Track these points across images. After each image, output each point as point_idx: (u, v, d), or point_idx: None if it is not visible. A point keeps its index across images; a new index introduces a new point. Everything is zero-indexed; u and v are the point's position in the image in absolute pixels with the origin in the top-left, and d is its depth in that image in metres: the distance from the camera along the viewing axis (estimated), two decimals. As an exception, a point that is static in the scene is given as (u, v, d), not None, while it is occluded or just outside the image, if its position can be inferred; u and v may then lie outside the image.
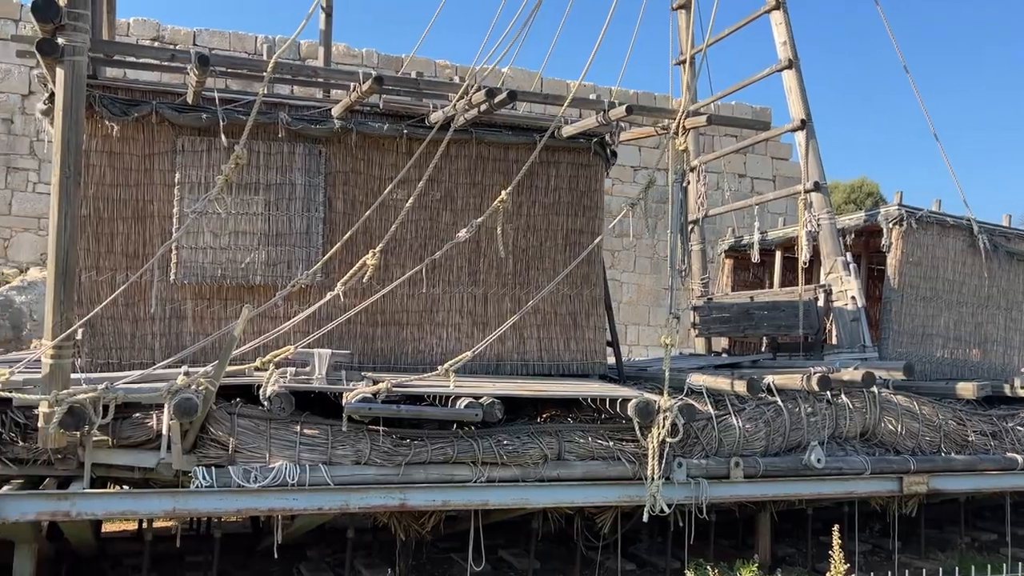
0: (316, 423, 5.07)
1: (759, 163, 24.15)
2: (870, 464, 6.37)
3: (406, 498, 5.03)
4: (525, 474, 5.38)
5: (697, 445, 5.99)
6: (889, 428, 6.69)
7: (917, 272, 8.27)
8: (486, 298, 6.29)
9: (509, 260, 6.36)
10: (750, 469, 5.98)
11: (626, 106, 5.39)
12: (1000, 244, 8.65)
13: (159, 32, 17.98)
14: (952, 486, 6.68)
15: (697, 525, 6.85)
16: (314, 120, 5.68)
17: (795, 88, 8.35)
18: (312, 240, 5.66)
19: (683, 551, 7.42)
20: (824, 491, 6.25)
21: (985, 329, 8.62)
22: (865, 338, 7.87)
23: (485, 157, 6.26)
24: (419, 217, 6.12)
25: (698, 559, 6.35)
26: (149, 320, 5.49)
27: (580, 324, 6.56)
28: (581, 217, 6.54)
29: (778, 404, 6.33)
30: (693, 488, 5.74)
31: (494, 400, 5.12)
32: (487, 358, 6.29)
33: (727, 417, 6.15)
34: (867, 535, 8.09)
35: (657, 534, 7.64)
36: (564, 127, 6.23)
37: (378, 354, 6.02)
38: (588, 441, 5.65)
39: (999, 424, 7.19)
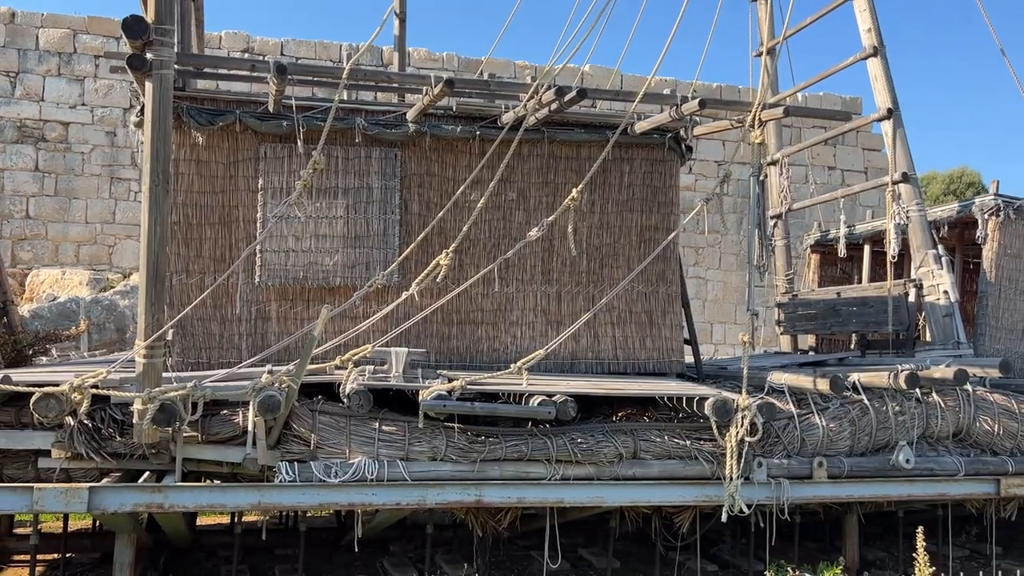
0: (394, 420, 5.19)
1: (849, 154, 23.34)
2: (964, 465, 6.08)
3: (482, 494, 5.09)
4: (600, 472, 5.37)
5: (778, 445, 5.84)
6: (985, 428, 6.37)
7: (1015, 265, 7.84)
8: (559, 296, 6.30)
9: (583, 258, 6.36)
10: (834, 469, 5.80)
11: (698, 100, 5.31)
12: (1108, 233, 8.10)
13: (249, 44, 18.72)
14: (1056, 490, 6.30)
15: (781, 527, 6.69)
16: (389, 124, 5.81)
17: (881, 76, 8.04)
18: (389, 242, 5.79)
19: (766, 553, 7.28)
20: (914, 493, 6.00)
21: (1093, 324, 8.09)
22: (959, 334, 7.52)
23: (557, 156, 6.28)
24: (492, 217, 6.18)
25: (781, 561, 6.20)
26: (236, 321, 5.73)
27: (656, 322, 6.50)
28: (656, 214, 6.47)
29: (864, 403, 6.11)
30: (774, 488, 5.60)
31: (567, 398, 5.13)
32: (561, 356, 6.30)
33: (810, 416, 5.98)
34: (963, 540, 7.73)
35: (740, 535, 7.49)
36: (637, 123, 6.18)
37: (453, 353, 6.11)
38: (664, 440, 5.59)
39: (1111, 424, 6.73)
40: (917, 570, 4.19)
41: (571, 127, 6.23)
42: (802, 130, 22.80)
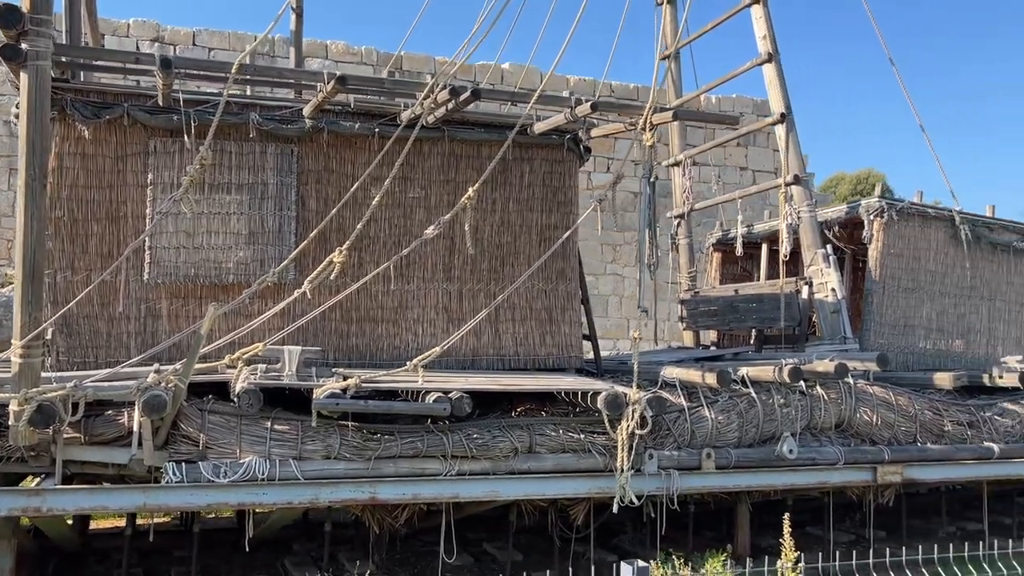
0: (287, 419, 5.16)
1: (760, 155, 24.09)
2: (844, 454, 6.41)
3: (376, 492, 5.11)
4: (496, 467, 5.46)
5: (669, 437, 6.05)
6: (865, 419, 6.73)
7: (899, 263, 8.29)
8: (461, 294, 6.36)
9: (484, 256, 6.43)
10: (722, 460, 6.04)
11: (590, 103, 5.44)
12: (983, 235, 8.65)
13: (159, 33, 18.10)
14: (927, 476, 6.71)
15: (680, 517, 6.93)
16: (285, 120, 5.76)
17: (775, 81, 8.37)
18: (284, 239, 5.74)
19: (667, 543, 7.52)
20: (797, 481, 6.30)
21: (968, 320, 8.63)
22: (846, 330, 7.91)
23: (459, 154, 6.33)
24: (393, 215, 6.19)
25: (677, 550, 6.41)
26: (124, 319, 5.59)
27: (556, 319, 6.63)
28: (555, 213, 6.60)
29: (752, 396, 6.38)
30: (664, 479, 5.80)
31: (463, 394, 5.20)
32: (463, 353, 6.36)
33: (700, 409, 6.21)
34: (848, 525, 8.14)
35: (641, 526, 7.72)
36: (536, 124, 6.28)
37: (353, 351, 6.10)
38: (560, 434, 5.72)
39: (976, 414, 7.21)
40: (783, 555, 4.40)
41: (472, 126, 6.29)
42: (715, 131, 23.47)
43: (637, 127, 5.67)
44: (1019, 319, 8.88)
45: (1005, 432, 7.20)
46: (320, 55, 21.20)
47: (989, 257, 8.73)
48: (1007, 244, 8.76)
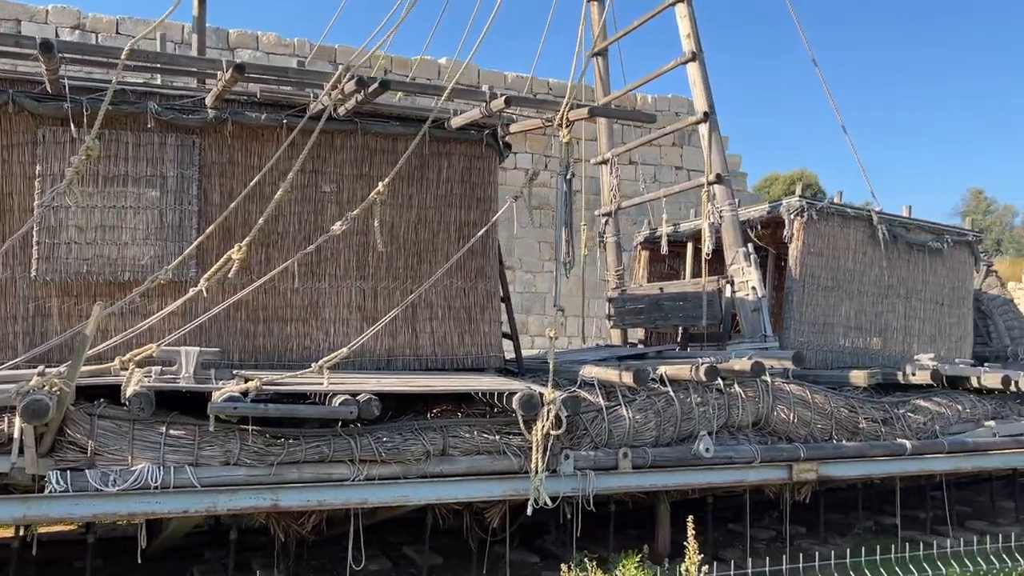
0: (183, 424, 4.91)
1: (695, 155, 24.32)
2: (760, 453, 6.44)
3: (278, 499, 4.92)
4: (407, 471, 5.31)
5: (586, 437, 5.98)
6: (782, 417, 6.77)
7: (818, 262, 8.40)
8: (376, 292, 6.18)
9: (400, 253, 6.27)
10: (638, 460, 5.99)
11: (504, 98, 5.33)
12: (900, 234, 8.82)
13: (80, 20, 17.39)
14: (841, 472, 6.79)
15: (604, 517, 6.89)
16: (186, 110, 5.50)
17: (699, 81, 8.39)
18: (185, 235, 5.48)
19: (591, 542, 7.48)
20: (714, 480, 6.30)
21: (885, 318, 8.80)
22: (766, 328, 7.96)
23: (373, 148, 6.15)
24: (304, 210, 5.98)
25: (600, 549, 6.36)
26: (10, 319, 5.26)
27: (475, 318, 6.50)
28: (475, 210, 6.47)
29: (670, 394, 6.36)
30: (580, 480, 5.73)
31: (371, 396, 5.03)
32: (378, 354, 6.20)
33: (618, 408, 6.16)
34: (769, 522, 8.22)
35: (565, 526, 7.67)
36: (453, 119, 6.14)
37: (260, 351, 5.87)
38: (474, 436, 5.59)
39: (891, 411, 7.33)
40: (688, 558, 4.35)
41: (387, 119, 6.12)
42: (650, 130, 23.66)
43: (554, 123, 5.58)
44: (934, 317, 9.09)
45: (918, 429, 7.34)
46: (251, 46, 20.70)
47: (906, 256, 8.91)
48: (923, 244, 8.96)
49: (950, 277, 9.20)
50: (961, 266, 9.30)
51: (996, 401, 8.11)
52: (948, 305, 9.16)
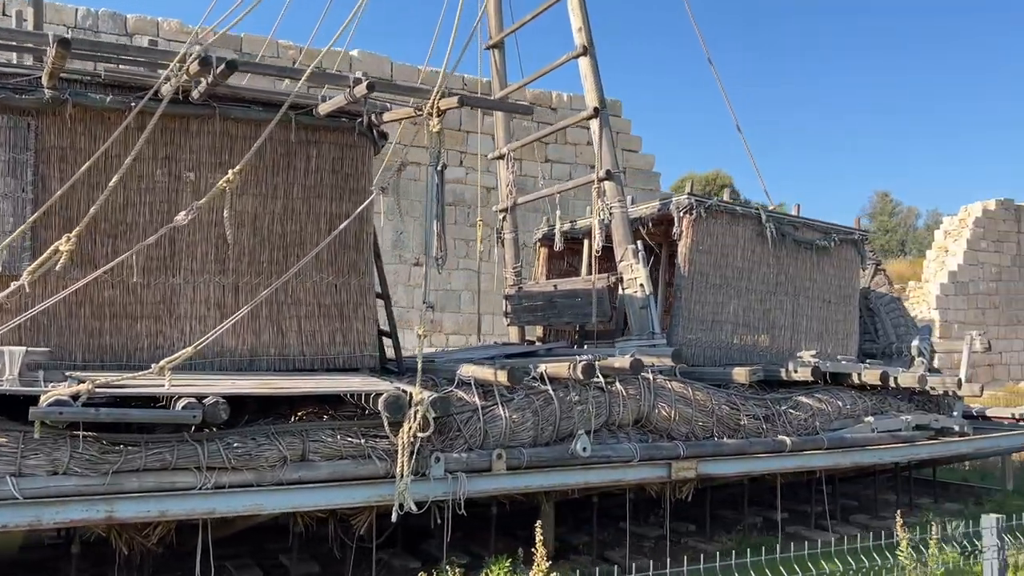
0: (6, 430, 4.49)
1: (609, 154, 24.49)
2: (639, 451, 6.35)
3: (114, 510, 4.53)
4: (261, 478, 4.99)
5: (460, 438, 5.77)
6: (663, 415, 6.71)
7: (707, 260, 8.41)
8: (237, 288, 5.82)
9: (265, 247, 5.93)
10: (514, 460, 5.82)
11: (367, 83, 5.06)
12: (788, 233, 8.92)
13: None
14: (721, 470, 6.78)
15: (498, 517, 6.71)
16: (19, 89, 5.04)
17: (590, 75, 8.29)
18: (18, 224, 5.01)
19: (476, 545, 7.30)
20: (592, 480, 6.18)
21: (773, 315, 8.88)
22: (654, 325, 7.91)
23: (234, 135, 5.79)
24: (155, 199, 5.58)
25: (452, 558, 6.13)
26: None
27: (348, 315, 6.21)
28: (347, 201, 6.17)
29: (549, 393, 6.21)
30: (451, 483, 5.51)
31: (219, 399, 4.69)
32: (240, 354, 5.84)
33: (494, 408, 5.97)
34: (655, 520, 8.19)
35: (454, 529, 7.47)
36: (321, 105, 5.84)
37: (107, 351, 5.45)
38: (338, 440, 5.31)
39: (773, 407, 7.38)
40: (536, 564, 4.19)
41: (248, 104, 5.77)
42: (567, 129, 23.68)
43: (424, 112, 5.34)
44: (821, 314, 9.24)
45: (799, 425, 7.41)
46: (151, 32, 19.86)
47: (794, 254, 9.02)
48: (810, 242, 9.08)
49: (837, 275, 9.37)
50: (848, 264, 9.48)
51: (877, 397, 8.28)
52: (835, 302, 9.32)
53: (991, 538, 3.63)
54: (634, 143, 25.29)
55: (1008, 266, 29.03)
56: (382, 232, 21.37)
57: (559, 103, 23.66)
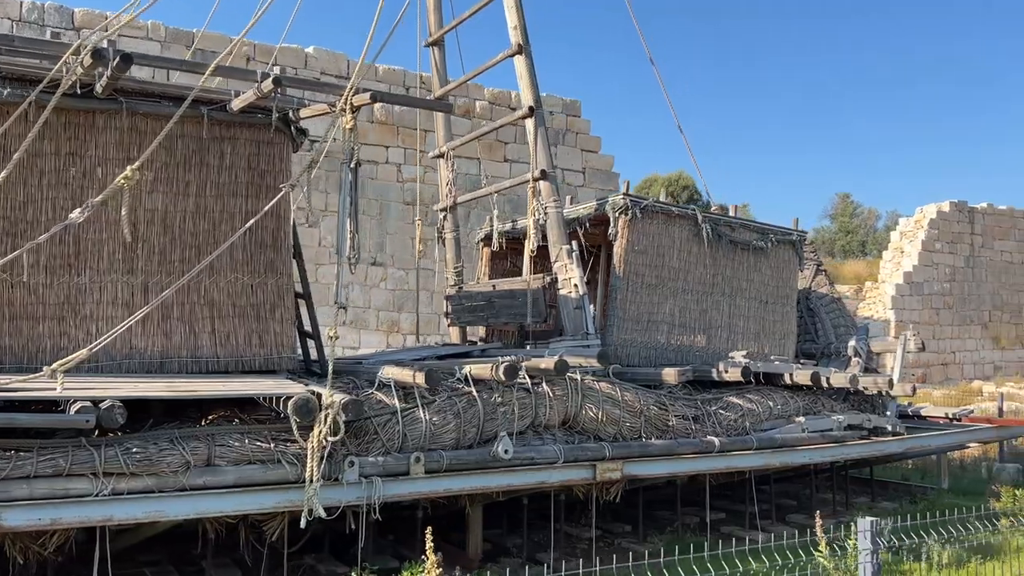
0: None
1: (568, 154, 24.53)
2: (564, 453, 6.29)
3: (1, 518, 4.36)
4: (162, 484, 4.84)
5: (377, 442, 5.66)
6: (590, 415, 6.67)
7: (643, 260, 8.38)
8: (147, 288, 5.66)
9: (176, 245, 5.77)
10: (433, 464, 5.72)
11: (273, 78, 4.94)
12: (724, 233, 8.93)
13: None
14: (648, 471, 6.74)
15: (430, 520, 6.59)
16: (-91, 83, 4.84)
17: (525, 74, 8.22)
18: (-97, 221, 4.82)
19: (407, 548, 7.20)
20: (514, 482, 6.11)
21: (710, 315, 8.89)
22: (588, 325, 7.87)
23: (143, 130, 5.62)
24: (59, 195, 5.40)
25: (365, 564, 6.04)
26: None
27: (264, 316, 6.07)
28: (264, 199, 6.02)
29: (472, 395, 6.13)
30: (365, 488, 5.40)
31: (115, 403, 4.54)
32: (149, 355, 5.68)
33: (414, 410, 5.87)
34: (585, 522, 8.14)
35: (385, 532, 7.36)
36: (234, 100, 5.70)
37: (5, 352, 5.26)
38: (245, 444, 5.17)
39: (703, 408, 7.37)
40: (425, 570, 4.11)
41: (158, 99, 5.61)
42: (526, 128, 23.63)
43: (337, 108, 5.23)
44: (758, 314, 9.26)
45: (728, 425, 7.40)
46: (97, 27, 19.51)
47: (731, 255, 9.03)
48: (747, 243, 9.10)
49: (774, 275, 9.40)
50: (785, 265, 9.52)
51: (810, 397, 8.32)
52: (772, 303, 9.36)
53: (865, 542, 3.62)
54: (593, 143, 25.36)
55: (961, 267, 29.57)
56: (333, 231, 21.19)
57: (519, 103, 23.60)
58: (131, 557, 6.68)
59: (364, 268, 21.55)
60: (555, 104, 24.57)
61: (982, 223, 30.30)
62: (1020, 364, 30.73)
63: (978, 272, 30.12)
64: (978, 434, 9.39)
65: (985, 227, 30.35)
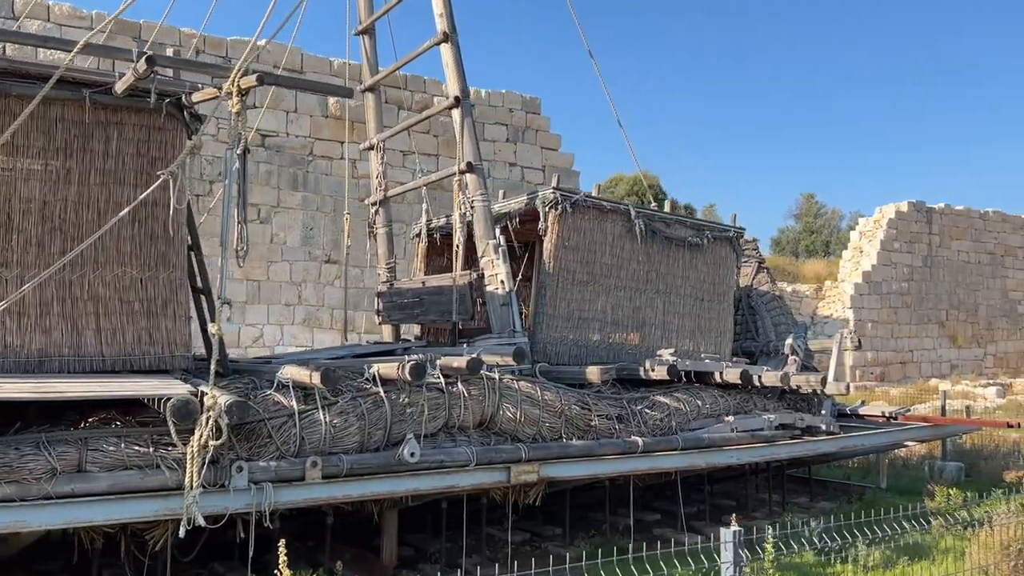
0: None
1: (529, 152, 24.31)
2: (477, 455, 6.03)
3: None
4: (24, 492, 4.50)
5: (271, 445, 5.36)
6: (508, 416, 6.41)
7: (574, 256, 8.15)
8: (22, 282, 5.28)
9: (56, 237, 5.41)
10: (332, 468, 5.43)
11: (146, 57, 4.61)
12: (659, 229, 8.73)
13: None
14: (567, 473, 6.50)
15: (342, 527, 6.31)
16: None
17: (452, 63, 7.94)
18: None
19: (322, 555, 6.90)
20: (422, 487, 5.83)
21: (643, 313, 8.68)
22: (515, 323, 7.62)
23: (17, 113, 5.25)
24: (-85, 184, 5.03)
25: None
26: None
27: (155, 312, 5.72)
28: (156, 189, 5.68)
29: (380, 395, 5.84)
30: (255, 494, 5.09)
31: (-34, 405, 4.21)
32: (26, 354, 5.32)
33: (314, 412, 5.58)
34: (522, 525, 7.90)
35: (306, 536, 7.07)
36: (118, 83, 5.35)
37: None
38: (122, 448, 4.85)
39: (628, 407, 7.15)
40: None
41: (34, 80, 5.24)
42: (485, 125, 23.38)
43: (222, 92, 4.92)
44: (694, 312, 9.07)
45: (654, 425, 7.19)
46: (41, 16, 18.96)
47: (665, 251, 8.82)
48: (682, 239, 8.91)
49: (711, 272, 9.21)
50: (722, 262, 9.34)
51: (741, 396, 8.14)
52: (708, 300, 9.17)
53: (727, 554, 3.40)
54: (553, 141, 25.17)
55: (920, 266, 29.81)
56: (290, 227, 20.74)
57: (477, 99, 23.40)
58: (28, 566, 6.34)
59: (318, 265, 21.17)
60: (514, 101, 24.34)
61: (940, 223, 30.58)
62: (976, 363, 31.09)
63: (936, 272, 30.40)
64: (914, 433, 9.28)
65: (943, 227, 30.65)
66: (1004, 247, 32.15)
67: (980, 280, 31.47)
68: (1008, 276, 32.37)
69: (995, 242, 31.87)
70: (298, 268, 21.02)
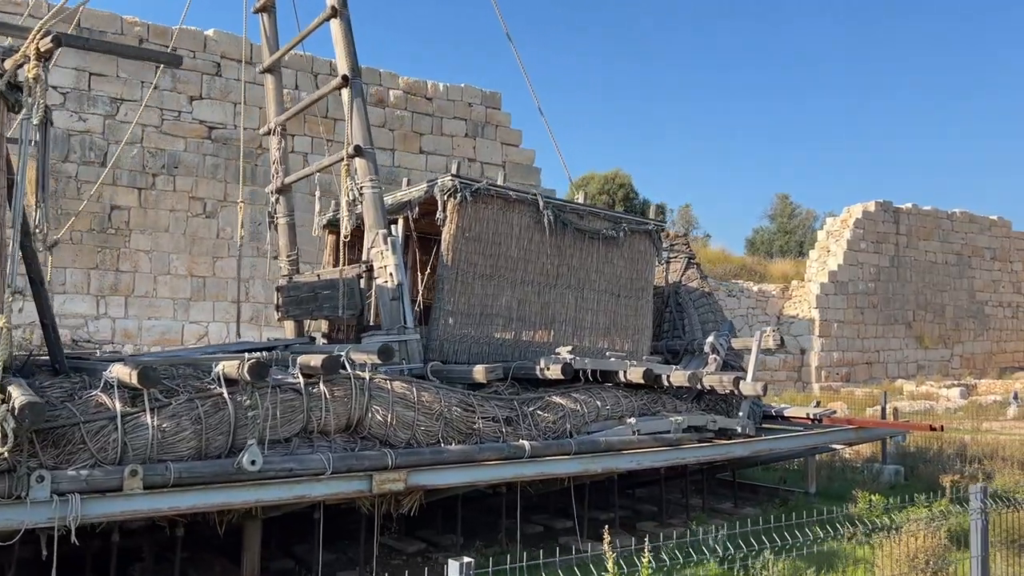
0: None
1: (488, 147, 23.79)
2: (333, 462, 5.49)
3: None
4: None
5: (84, 452, 4.80)
6: (378, 419, 5.89)
7: (476, 248, 7.64)
8: None
9: None
10: (156, 478, 4.87)
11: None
12: (570, 221, 8.23)
13: None
14: (440, 480, 5.96)
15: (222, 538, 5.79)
16: None
17: (341, 40, 7.42)
18: None
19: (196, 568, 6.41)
20: (266, 497, 5.28)
21: (553, 309, 8.18)
22: (406, 318, 7.10)
23: None
24: None
25: None
26: None
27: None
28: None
29: (222, 397, 5.30)
30: (59, 507, 4.54)
31: None
32: None
33: (141, 415, 5.03)
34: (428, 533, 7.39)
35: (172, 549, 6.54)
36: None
37: None
38: (-103, 456, 4.29)
39: (519, 409, 6.64)
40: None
41: None
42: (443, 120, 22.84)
43: (16, 57, 4.37)
44: (609, 308, 8.59)
45: (547, 427, 6.69)
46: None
47: (578, 245, 8.33)
48: (596, 232, 8.42)
49: (628, 268, 8.73)
50: (641, 256, 8.86)
51: (650, 397, 7.65)
52: (625, 296, 8.69)
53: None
54: (514, 137, 24.68)
55: (886, 267, 29.53)
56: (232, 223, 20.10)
57: (435, 93, 22.90)
58: None
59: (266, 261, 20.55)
60: (474, 95, 23.84)
61: (907, 223, 30.34)
62: (942, 363, 30.87)
63: (903, 272, 30.15)
64: (836, 436, 8.83)
65: (910, 227, 30.40)
66: (971, 248, 31.97)
67: (947, 281, 31.26)
68: (975, 277, 32.19)
69: (962, 243, 31.67)
70: (246, 264, 20.37)
